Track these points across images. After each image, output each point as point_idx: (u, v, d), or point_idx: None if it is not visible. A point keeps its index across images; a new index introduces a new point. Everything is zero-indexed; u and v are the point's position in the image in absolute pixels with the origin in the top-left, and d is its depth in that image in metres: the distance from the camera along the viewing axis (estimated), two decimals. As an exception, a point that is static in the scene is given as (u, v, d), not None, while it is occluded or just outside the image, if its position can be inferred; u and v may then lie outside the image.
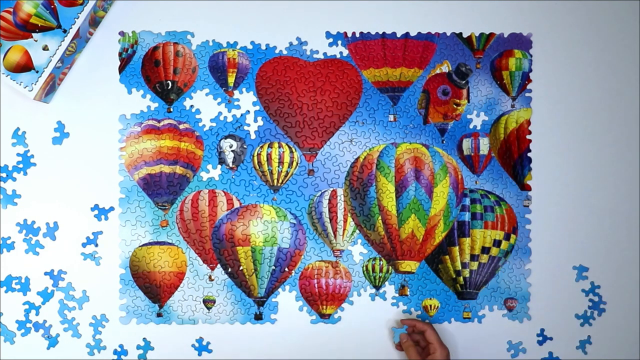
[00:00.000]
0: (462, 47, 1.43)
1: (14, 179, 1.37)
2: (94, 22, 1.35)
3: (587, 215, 1.44)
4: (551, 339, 1.44)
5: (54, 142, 1.37)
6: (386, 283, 1.42)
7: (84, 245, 1.37)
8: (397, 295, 1.42)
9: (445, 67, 1.42)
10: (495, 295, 1.43)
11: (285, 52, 1.41)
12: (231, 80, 1.40)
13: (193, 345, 1.39)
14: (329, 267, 1.41)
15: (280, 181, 1.41)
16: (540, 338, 1.44)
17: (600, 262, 1.44)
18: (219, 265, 1.40)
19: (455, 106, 1.43)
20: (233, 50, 1.40)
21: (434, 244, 1.42)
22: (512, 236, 1.43)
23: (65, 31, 1.28)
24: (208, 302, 1.39)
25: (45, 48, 1.28)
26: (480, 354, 1.43)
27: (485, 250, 1.42)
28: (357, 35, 1.41)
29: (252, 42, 1.41)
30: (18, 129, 1.37)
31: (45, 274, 1.37)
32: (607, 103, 1.44)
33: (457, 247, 1.42)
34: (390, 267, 1.41)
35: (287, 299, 1.41)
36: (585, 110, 1.44)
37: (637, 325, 1.45)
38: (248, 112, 1.40)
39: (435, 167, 1.41)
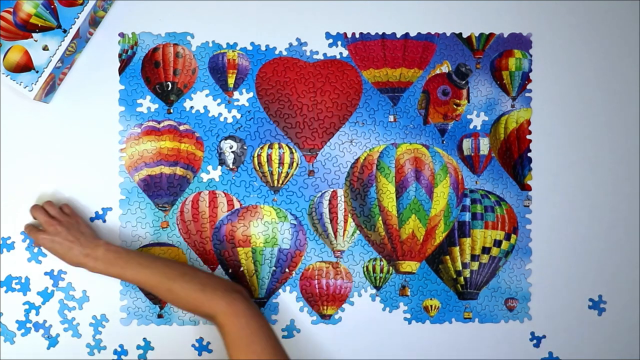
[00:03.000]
0: (462, 47, 1.43)
1: (14, 179, 1.37)
2: (94, 22, 1.35)
3: (587, 215, 1.44)
4: (551, 339, 1.44)
5: (54, 142, 1.37)
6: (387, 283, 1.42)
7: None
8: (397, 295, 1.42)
9: (445, 68, 1.43)
10: (496, 296, 1.43)
11: (285, 53, 1.41)
12: (231, 81, 1.40)
13: (193, 345, 1.38)
14: (330, 267, 1.41)
15: (280, 182, 1.40)
16: (541, 338, 1.43)
17: (601, 262, 1.44)
18: (219, 266, 1.39)
19: (455, 106, 1.43)
20: (233, 51, 1.40)
21: (435, 245, 1.41)
22: (513, 236, 1.43)
23: (65, 31, 1.28)
24: (208, 303, 1.39)
25: (45, 48, 1.28)
26: (480, 354, 1.42)
27: (485, 250, 1.42)
28: (357, 35, 1.42)
29: (251, 43, 1.41)
30: (18, 129, 1.37)
31: (45, 274, 1.37)
32: (607, 103, 1.44)
33: (457, 248, 1.42)
34: (390, 268, 1.41)
35: (287, 299, 1.41)
36: (585, 110, 1.44)
37: (637, 325, 1.45)
38: (248, 113, 1.40)
39: (435, 167, 1.41)
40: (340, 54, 1.42)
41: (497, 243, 1.42)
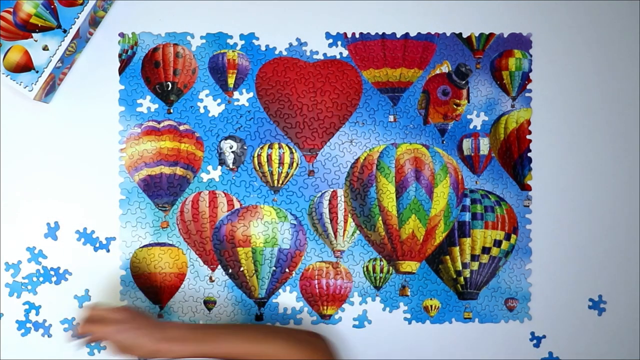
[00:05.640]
0: (462, 47, 1.43)
1: (14, 179, 1.36)
2: (94, 22, 1.35)
3: (587, 215, 1.44)
4: (551, 338, 1.44)
5: (54, 142, 1.37)
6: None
7: (84, 244, 1.37)
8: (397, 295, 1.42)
9: (445, 68, 1.43)
10: (496, 296, 1.43)
11: (285, 53, 1.41)
12: (231, 81, 1.40)
13: (194, 346, 1.38)
14: (330, 267, 1.41)
15: (280, 182, 1.40)
16: (541, 338, 1.43)
17: (600, 262, 1.44)
18: (219, 266, 1.39)
19: (455, 106, 1.43)
20: (233, 51, 1.40)
21: (435, 245, 1.41)
22: (513, 236, 1.43)
23: (65, 31, 1.28)
24: (209, 303, 1.39)
25: (45, 48, 1.28)
26: (480, 354, 1.42)
27: (485, 250, 1.42)
28: (357, 35, 1.42)
29: (251, 43, 1.40)
30: (18, 129, 1.37)
31: (46, 274, 1.37)
32: (607, 103, 1.44)
33: (457, 248, 1.42)
34: (390, 268, 1.41)
35: (287, 299, 1.40)
36: (585, 110, 1.44)
37: (637, 325, 1.45)
38: (248, 113, 1.40)
39: (435, 167, 1.41)
40: (340, 54, 1.42)
41: (497, 243, 1.42)
